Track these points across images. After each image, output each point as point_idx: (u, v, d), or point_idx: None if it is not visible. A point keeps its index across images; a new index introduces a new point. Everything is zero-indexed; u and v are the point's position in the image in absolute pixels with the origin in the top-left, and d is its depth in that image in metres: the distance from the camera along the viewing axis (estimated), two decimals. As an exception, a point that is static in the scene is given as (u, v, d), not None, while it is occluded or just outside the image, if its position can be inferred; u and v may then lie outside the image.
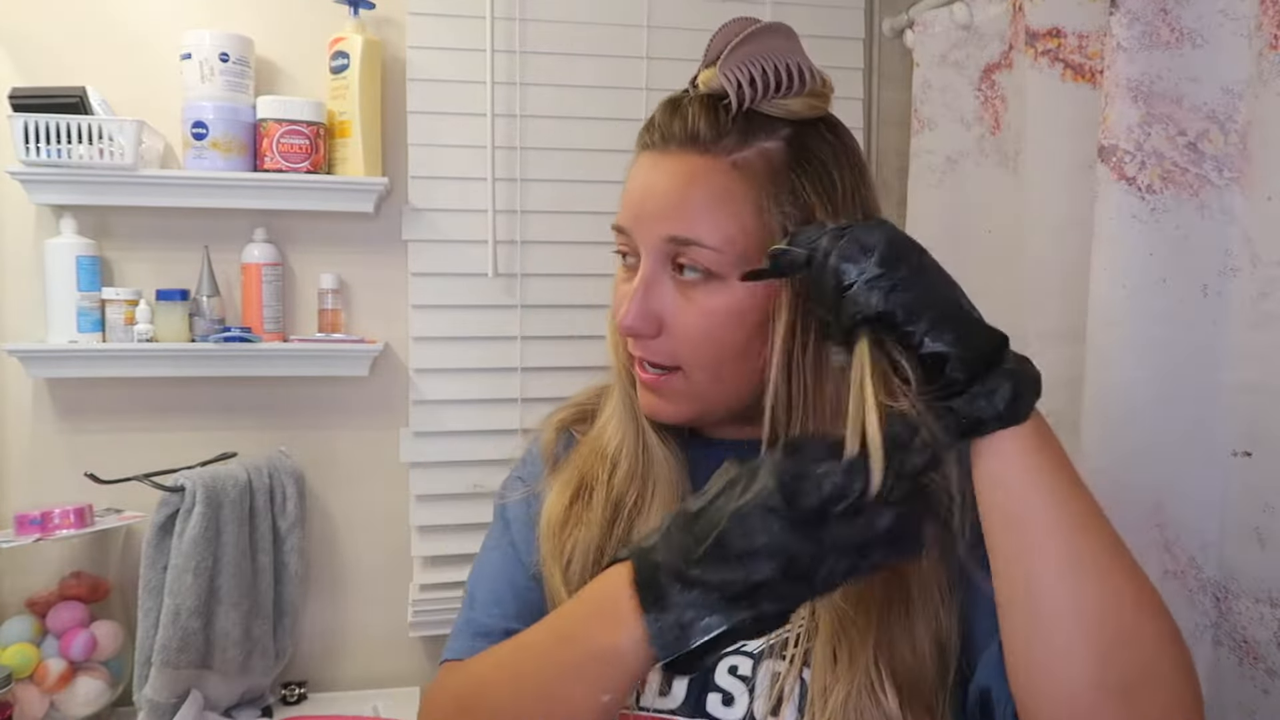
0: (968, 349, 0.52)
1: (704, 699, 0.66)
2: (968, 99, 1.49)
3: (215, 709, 1.38)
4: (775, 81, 0.64)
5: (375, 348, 1.50)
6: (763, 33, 0.65)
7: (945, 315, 0.53)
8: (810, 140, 0.66)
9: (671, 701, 0.67)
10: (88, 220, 1.43)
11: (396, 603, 1.57)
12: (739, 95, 0.63)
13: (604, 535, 0.70)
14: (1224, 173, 1.04)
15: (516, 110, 1.54)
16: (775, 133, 0.65)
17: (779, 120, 0.65)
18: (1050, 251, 1.26)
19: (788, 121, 0.65)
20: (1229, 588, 1.03)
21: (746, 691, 0.65)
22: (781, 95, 0.65)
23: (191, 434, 1.49)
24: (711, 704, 0.66)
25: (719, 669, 0.66)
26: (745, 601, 0.50)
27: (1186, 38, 1.04)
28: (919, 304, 0.52)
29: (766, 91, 0.64)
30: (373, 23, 1.49)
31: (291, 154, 1.41)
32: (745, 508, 0.50)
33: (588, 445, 0.75)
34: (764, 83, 0.64)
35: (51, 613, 1.33)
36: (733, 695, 0.65)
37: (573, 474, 0.73)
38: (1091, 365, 1.10)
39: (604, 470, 0.72)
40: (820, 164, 0.65)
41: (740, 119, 0.64)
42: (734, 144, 0.64)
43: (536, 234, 1.56)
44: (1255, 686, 1.00)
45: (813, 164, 0.65)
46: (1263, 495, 0.99)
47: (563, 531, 0.71)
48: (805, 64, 0.65)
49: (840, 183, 0.65)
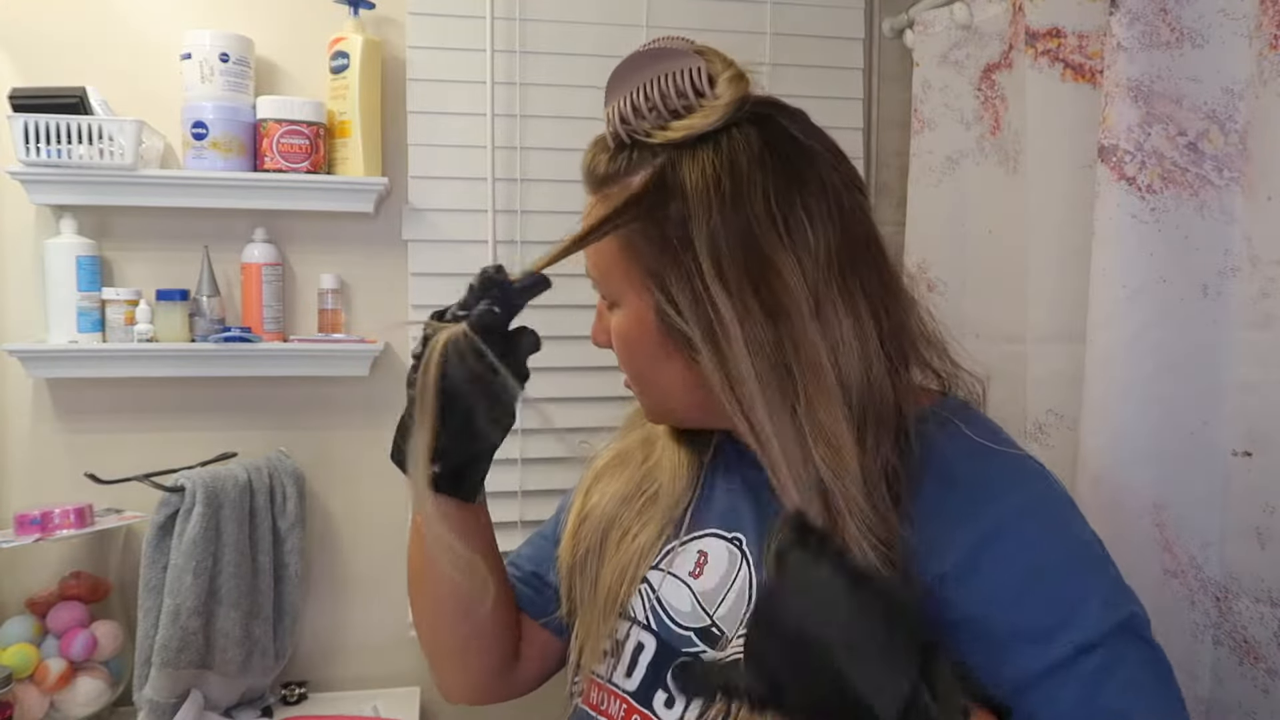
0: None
1: (652, 693, 0.69)
2: (968, 99, 1.49)
3: (215, 709, 1.38)
4: (651, 107, 0.62)
5: (375, 348, 1.50)
6: (641, 59, 0.64)
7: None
8: (682, 165, 0.62)
9: (630, 684, 0.71)
10: (88, 220, 1.43)
11: (396, 603, 1.57)
12: (613, 131, 0.65)
13: (618, 508, 0.77)
14: (1224, 173, 1.04)
15: (516, 110, 1.54)
16: (649, 162, 0.64)
17: (658, 147, 0.63)
18: (1050, 251, 1.26)
19: (666, 146, 0.63)
20: (1229, 588, 1.03)
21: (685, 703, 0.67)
22: (663, 120, 0.63)
23: (191, 434, 1.49)
24: (656, 701, 0.68)
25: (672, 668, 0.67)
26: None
27: (1186, 38, 1.04)
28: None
29: (641, 119, 0.63)
30: (373, 23, 1.49)
31: (291, 154, 1.41)
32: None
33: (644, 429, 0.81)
34: (637, 112, 0.63)
35: (51, 613, 1.33)
36: (674, 698, 0.68)
37: (625, 445, 0.81)
38: (1091, 365, 1.10)
39: (642, 453, 0.79)
40: (680, 188, 0.61)
41: (621, 154, 0.66)
42: (608, 181, 0.68)
43: (536, 234, 1.56)
44: (1255, 686, 1.00)
45: (669, 190, 0.62)
46: (1263, 495, 0.99)
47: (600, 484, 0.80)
48: (689, 80, 0.62)
49: (711, 203, 0.60)
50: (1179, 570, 1.05)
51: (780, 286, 0.60)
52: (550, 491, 1.56)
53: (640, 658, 0.71)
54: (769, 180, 0.61)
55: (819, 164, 0.64)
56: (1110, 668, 0.57)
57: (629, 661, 0.71)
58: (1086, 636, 0.57)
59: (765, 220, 0.61)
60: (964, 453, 0.63)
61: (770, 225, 0.61)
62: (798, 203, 0.62)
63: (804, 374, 0.60)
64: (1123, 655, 0.58)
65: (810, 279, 0.61)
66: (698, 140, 0.62)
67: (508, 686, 0.86)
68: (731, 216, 0.60)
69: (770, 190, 0.61)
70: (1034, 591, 0.59)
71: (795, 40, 1.61)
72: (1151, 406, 1.06)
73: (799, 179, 0.62)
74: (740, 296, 0.60)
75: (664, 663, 0.69)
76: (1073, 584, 0.60)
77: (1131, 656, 0.58)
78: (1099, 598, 0.59)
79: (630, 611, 0.73)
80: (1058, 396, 1.23)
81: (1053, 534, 0.62)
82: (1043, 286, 1.28)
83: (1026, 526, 0.61)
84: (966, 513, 0.61)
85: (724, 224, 0.60)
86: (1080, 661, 0.57)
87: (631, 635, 0.72)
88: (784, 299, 0.60)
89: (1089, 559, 0.62)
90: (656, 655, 0.69)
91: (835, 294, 0.61)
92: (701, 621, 0.68)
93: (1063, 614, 0.58)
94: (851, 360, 0.61)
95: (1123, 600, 0.60)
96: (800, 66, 1.60)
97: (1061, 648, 0.57)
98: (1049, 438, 1.24)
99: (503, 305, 0.67)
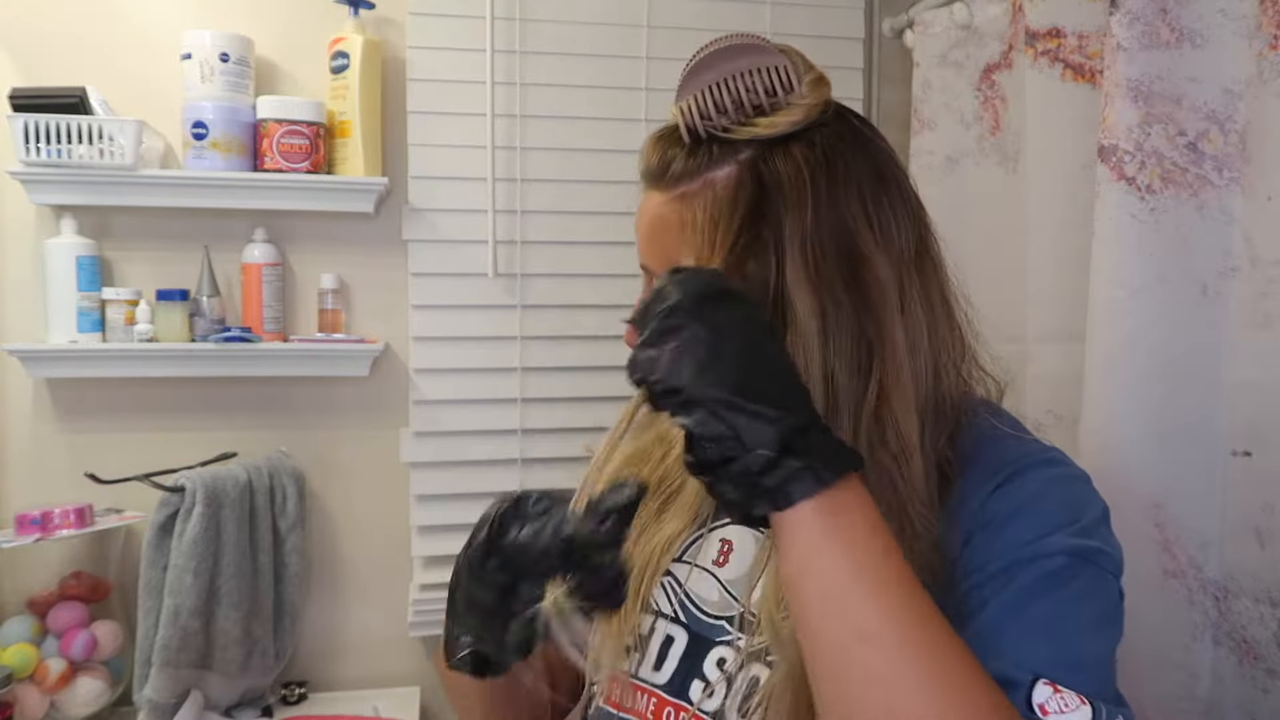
0: (712, 430, 0.50)
1: (688, 684, 0.68)
2: (968, 99, 1.49)
3: (215, 709, 1.38)
4: (734, 104, 0.63)
5: (375, 348, 1.50)
6: (721, 55, 0.64)
7: (704, 393, 0.50)
8: (773, 159, 0.62)
9: (660, 678, 0.70)
10: (88, 220, 1.43)
11: (396, 603, 1.57)
12: (690, 126, 0.64)
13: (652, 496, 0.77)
14: (1224, 173, 1.04)
15: (516, 110, 1.54)
16: (732, 158, 0.64)
17: (741, 144, 0.64)
18: (1050, 251, 1.26)
19: (752, 143, 0.63)
20: (1229, 588, 1.03)
21: (725, 686, 0.67)
22: (746, 116, 0.63)
23: (191, 434, 1.49)
24: (694, 690, 0.68)
25: (708, 660, 0.68)
26: (475, 623, 0.63)
27: (1186, 38, 1.04)
28: (678, 376, 0.50)
29: (723, 115, 0.63)
30: (373, 23, 1.50)
31: (291, 154, 1.41)
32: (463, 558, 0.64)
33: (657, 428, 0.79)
34: (719, 107, 0.63)
35: (51, 613, 1.33)
36: (714, 688, 0.67)
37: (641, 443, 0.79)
38: (1091, 365, 1.10)
39: (660, 451, 0.77)
40: (776, 184, 0.62)
41: (700, 150, 0.65)
42: (685, 178, 0.65)
43: (536, 234, 1.56)
44: (1255, 686, 1.00)
45: (766, 186, 0.62)
46: (1263, 495, 0.99)
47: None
48: (775, 78, 0.63)
49: (808, 199, 0.61)
50: (1179, 570, 1.05)
51: (872, 280, 0.62)
52: (550, 491, 1.56)
53: (670, 650, 0.71)
54: (863, 176, 0.63)
55: (896, 166, 0.67)
56: (1056, 579, 0.58)
57: (657, 655, 0.71)
58: (1045, 548, 0.58)
59: (860, 216, 0.62)
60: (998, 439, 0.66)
61: (864, 221, 0.62)
62: (885, 202, 0.64)
63: (884, 366, 0.61)
64: (1075, 575, 0.58)
65: (897, 274, 0.63)
66: (787, 137, 0.63)
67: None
68: (827, 212, 0.62)
69: (864, 187, 0.63)
70: (1019, 516, 0.60)
71: (795, 40, 1.57)
72: (1151, 406, 1.06)
73: (885, 179, 0.65)
74: (832, 289, 0.61)
75: (698, 654, 0.69)
76: (1055, 515, 0.60)
77: (1084, 580, 0.58)
78: (1076, 526, 0.60)
79: (655, 605, 0.73)
80: (1057, 396, 1.23)
81: (1058, 485, 0.63)
82: (1043, 286, 1.28)
83: (1035, 473, 0.63)
84: (990, 478, 0.63)
85: (820, 218, 0.61)
86: (1031, 565, 0.58)
87: (658, 629, 0.72)
88: (874, 293, 0.61)
89: (1083, 507, 0.62)
90: (689, 647, 0.70)
91: (915, 291, 0.64)
92: (732, 610, 0.69)
93: (1035, 533, 0.59)
94: (924, 356, 0.63)
95: (1099, 538, 0.61)
96: (800, 66, 1.60)
97: (1019, 550, 0.59)
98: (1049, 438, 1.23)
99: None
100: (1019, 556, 0.58)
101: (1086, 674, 0.55)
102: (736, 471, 0.50)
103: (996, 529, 0.60)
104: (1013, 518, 0.60)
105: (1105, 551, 0.60)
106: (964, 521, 0.61)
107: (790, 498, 0.50)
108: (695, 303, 0.52)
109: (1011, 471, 0.62)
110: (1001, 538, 0.60)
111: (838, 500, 0.50)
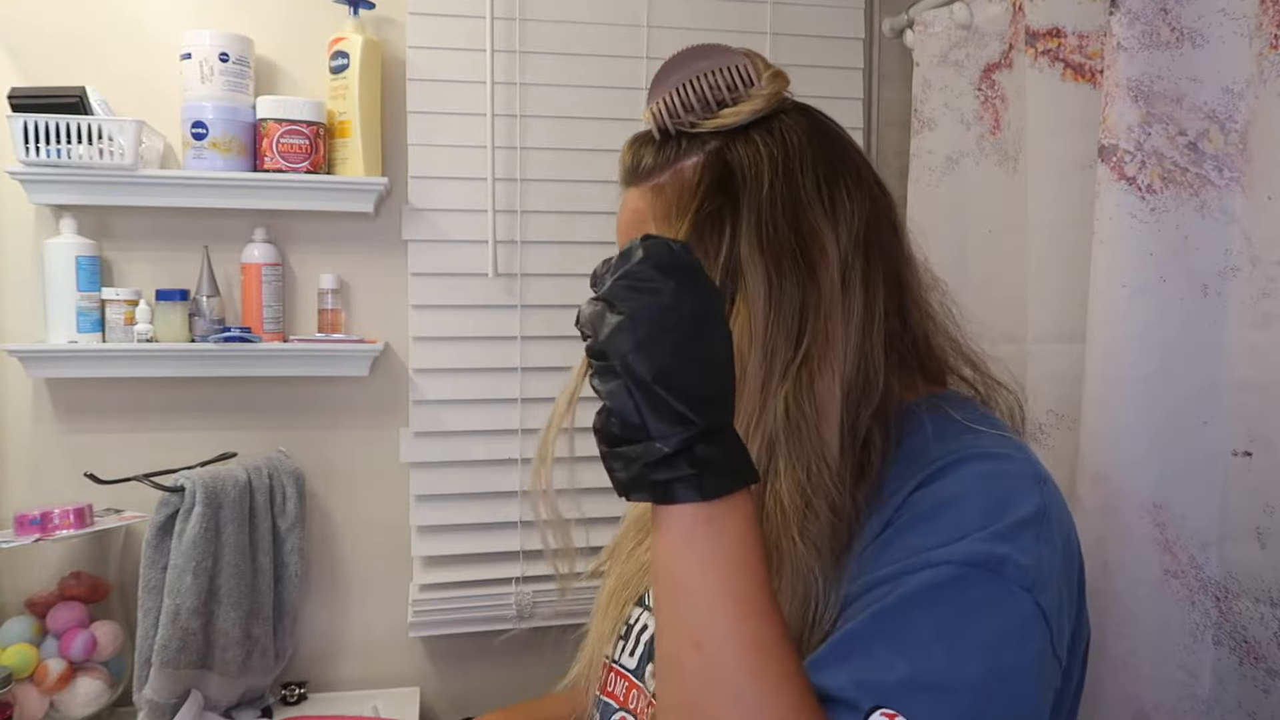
0: (621, 406, 0.51)
1: (646, 667, 0.73)
2: (968, 99, 1.49)
3: (215, 709, 1.38)
4: (700, 101, 0.66)
5: (375, 348, 1.50)
6: (686, 57, 0.68)
7: (630, 369, 0.50)
8: (736, 148, 0.66)
9: (631, 662, 0.75)
10: (87, 220, 1.43)
11: (396, 603, 1.57)
12: (660, 126, 0.68)
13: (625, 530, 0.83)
14: (1224, 173, 1.04)
15: (516, 110, 1.54)
16: (699, 149, 0.67)
17: (708, 135, 0.67)
18: (1050, 251, 1.26)
19: (717, 134, 0.67)
20: (1229, 588, 1.03)
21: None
22: (711, 111, 0.66)
23: (191, 434, 1.49)
24: (647, 673, 0.73)
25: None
26: None
27: (1186, 37, 1.05)
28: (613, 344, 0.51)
29: (689, 112, 0.67)
30: (373, 23, 1.49)
31: (291, 154, 1.41)
32: None
33: None
34: (685, 105, 0.66)
35: (51, 613, 1.32)
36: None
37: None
38: (1091, 365, 1.10)
39: None
40: (738, 165, 0.65)
41: (669, 145, 0.68)
42: (656, 171, 0.69)
43: (536, 234, 1.56)
44: (1255, 686, 1.00)
45: (729, 167, 0.65)
46: (1263, 495, 0.99)
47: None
48: (737, 75, 0.66)
49: (764, 176, 0.64)
50: (1179, 570, 1.05)
51: (818, 252, 0.63)
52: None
53: (643, 637, 0.75)
54: (818, 159, 0.66)
55: (855, 153, 0.70)
56: (942, 591, 0.53)
57: (634, 642, 0.76)
58: (939, 557, 0.54)
59: (813, 193, 0.65)
60: (942, 432, 0.63)
61: (817, 197, 0.65)
62: (840, 182, 0.66)
63: (815, 338, 0.62)
64: (966, 587, 0.53)
65: (843, 249, 0.64)
66: (748, 125, 0.66)
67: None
68: (783, 187, 0.64)
69: (819, 168, 0.66)
70: (929, 518, 0.57)
71: (795, 40, 1.61)
72: (1151, 406, 1.06)
73: (841, 161, 0.67)
74: (779, 260, 0.63)
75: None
76: (967, 519, 0.56)
77: (976, 593, 0.53)
78: (987, 531, 0.55)
79: (646, 599, 0.77)
80: (1058, 396, 1.23)
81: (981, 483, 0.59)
82: (1043, 286, 1.28)
83: (962, 470, 0.59)
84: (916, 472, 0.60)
85: (775, 193, 0.64)
86: (919, 574, 0.54)
87: (642, 619, 0.77)
88: (819, 266, 0.63)
89: (1004, 510, 0.56)
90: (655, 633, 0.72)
91: (859, 267, 0.65)
92: None
93: (938, 539, 0.55)
94: (855, 330, 0.64)
95: (1011, 544, 0.54)
96: (800, 66, 1.58)
97: (914, 556, 0.55)
98: (1049, 438, 1.24)
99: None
100: (912, 564, 0.55)
101: (949, 701, 0.50)
102: (630, 454, 0.51)
103: (904, 530, 0.57)
104: (922, 520, 0.57)
105: (1013, 560, 0.54)
106: (881, 518, 0.60)
107: (671, 497, 0.51)
108: (658, 273, 0.52)
109: (937, 469, 0.59)
110: (903, 541, 0.57)
111: (715, 512, 0.51)
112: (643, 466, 0.51)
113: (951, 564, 0.54)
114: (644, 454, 0.50)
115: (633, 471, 0.51)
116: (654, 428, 0.50)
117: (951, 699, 0.51)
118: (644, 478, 0.51)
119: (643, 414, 0.50)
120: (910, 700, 0.50)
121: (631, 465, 0.51)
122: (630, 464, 0.51)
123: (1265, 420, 0.99)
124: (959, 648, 0.52)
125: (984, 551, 0.54)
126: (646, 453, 0.50)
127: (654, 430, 0.50)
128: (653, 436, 0.50)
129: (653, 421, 0.50)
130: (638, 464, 0.51)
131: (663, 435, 0.50)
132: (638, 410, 0.50)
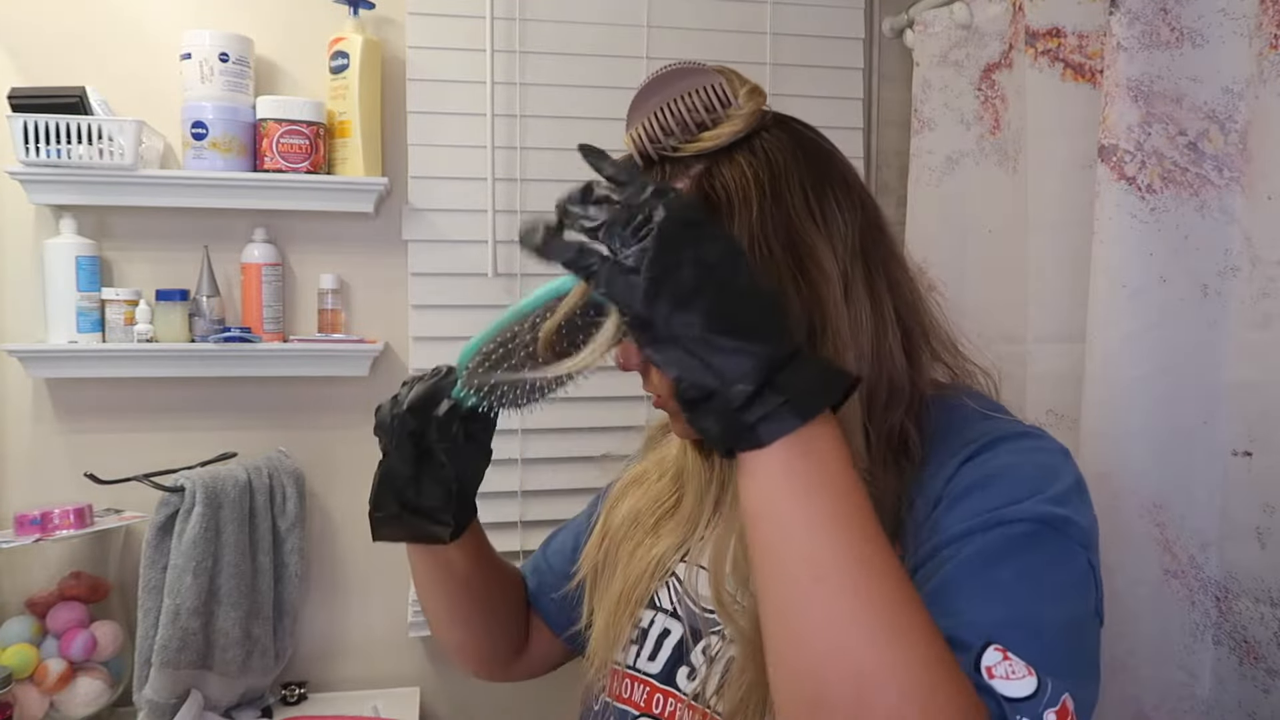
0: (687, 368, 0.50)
1: (675, 671, 0.72)
2: (968, 99, 1.49)
3: (215, 709, 1.38)
4: (679, 124, 0.65)
5: (375, 348, 1.50)
6: (661, 81, 0.67)
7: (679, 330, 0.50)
8: (721, 170, 0.65)
9: (653, 668, 0.74)
10: (87, 220, 1.43)
11: (396, 603, 1.57)
12: (641, 151, 0.67)
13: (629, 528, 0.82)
14: (1224, 173, 1.04)
15: (516, 110, 1.54)
16: (684, 174, 0.66)
17: (691, 159, 0.66)
18: (1050, 251, 1.26)
19: (700, 157, 0.66)
20: (1229, 588, 1.03)
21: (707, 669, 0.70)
22: (691, 134, 0.65)
23: (191, 434, 1.49)
24: (679, 677, 0.71)
25: (697, 649, 0.71)
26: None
27: (1186, 37, 1.05)
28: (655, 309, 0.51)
29: (669, 136, 0.65)
30: (373, 23, 1.49)
31: (291, 154, 1.41)
32: None
33: (661, 450, 0.85)
34: (665, 129, 0.65)
35: (51, 613, 1.32)
36: (698, 672, 0.70)
37: (644, 465, 0.86)
38: (1091, 365, 1.10)
39: (657, 471, 0.83)
40: (725, 190, 0.64)
41: (653, 172, 0.67)
42: None
43: (536, 234, 1.56)
44: (1255, 686, 1.00)
45: (717, 193, 0.64)
46: (1263, 495, 0.99)
47: (619, 503, 0.84)
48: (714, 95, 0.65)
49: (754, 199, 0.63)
50: (1179, 570, 1.05)
51: (816, 268, 0.63)
52: (551, 492, 1.57)
53: (665, 642, 0.74)
54: (804, 174, 0.65)
55: (839, 161, 0.69)
56: (1019, 544, 0.57)
57: (653, 647, 0.75)
58: (1010, 514, 0.58)
59: (803, 210, 0.64)
60: (965, 419, 0.66)
61: (807, 214, 0.64)
62: (828, 194, 0.66)
63: (827, 346, 0.63)
64: (1039, 541, 0.58)
65: (841, 262, 0.64)
66: (730, 146, 0.65)
67: (508, 674, 0.94)
68: (773, 208, 0.64)
69: (806, 183, 0.65)
70: (988, 485, 0.60)
71: (795, 40, 1.61)
72: (1151, 406, 1.06)
73: (827, 173, 0.67)
74: (779, 281, 0.62)
75: (690, 645, 0.72)
76: (1025, 484, 0.60)
77: (1048, 547, 0.58)
78: (1045, 495, 0.59)
79: (657, 601, 0.76)
80: (1057, 396, 1.23)
81: (1029, 455, 0.63)
82: (1043, 286, 1.28)
83: (1007, 445, 0.63)
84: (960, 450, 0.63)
85: (766, 215, 0.63)
86: (994, 530, 0.57)
87: (657, 623, 0.75)
88: (819, 281, 0.63)
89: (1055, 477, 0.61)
90: (683, 639, 0.73)
91: (860, 277, 0.65)
92: None
93: (1002, 500, 0.59)
94: (868, 339, 0.64)
95: (1069, 508, 0.59)
96: (800, 66, 1.60)
97: (984, 515, 0.58)
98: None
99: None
100: (983, 521, 0.58)
101: (1040, 642, 0.54)
102: (716, 408, 0.50)
103: (963, 497, 0.60)
104: (980, 485, 0.60)
105: (1074, 521, 0.59)
106: (932, 493, 0.62)
107: (772, 434, 0.50)
108: (677, 227, 0.51)
109: (983, 444, 0.63)
110: (967, 504, 0.59)
111: (808, 437, 0.50)
112: (733, 413, 0.49)
113: (1025, 521, 0.58)
114: (729, 401, 0.49)
115: (725, 423, 0.50)
116: (727, 375, 0.49)
117: (1043, 642, 0.54)
118: (738, 423, 0.50)
119: (711, 367, 0.50)
120: (1011, 637, 0.53)
121: (722, 418, 0.50)
122: (720, 417, 0.50)
123: (1265, 420, 0.99)
124: (1042, 594, 0.56)
125: (1048, 512, 0.58)
126: (731, 399, 0.49)
127: (729, 376, 0.49)
128: (729, 383, 0.49)
129: (723, 369, 0.49)
130: (727, 414, 0.50)
131: (739, 377, 0.49)
132: (705, 366, 0.50)
